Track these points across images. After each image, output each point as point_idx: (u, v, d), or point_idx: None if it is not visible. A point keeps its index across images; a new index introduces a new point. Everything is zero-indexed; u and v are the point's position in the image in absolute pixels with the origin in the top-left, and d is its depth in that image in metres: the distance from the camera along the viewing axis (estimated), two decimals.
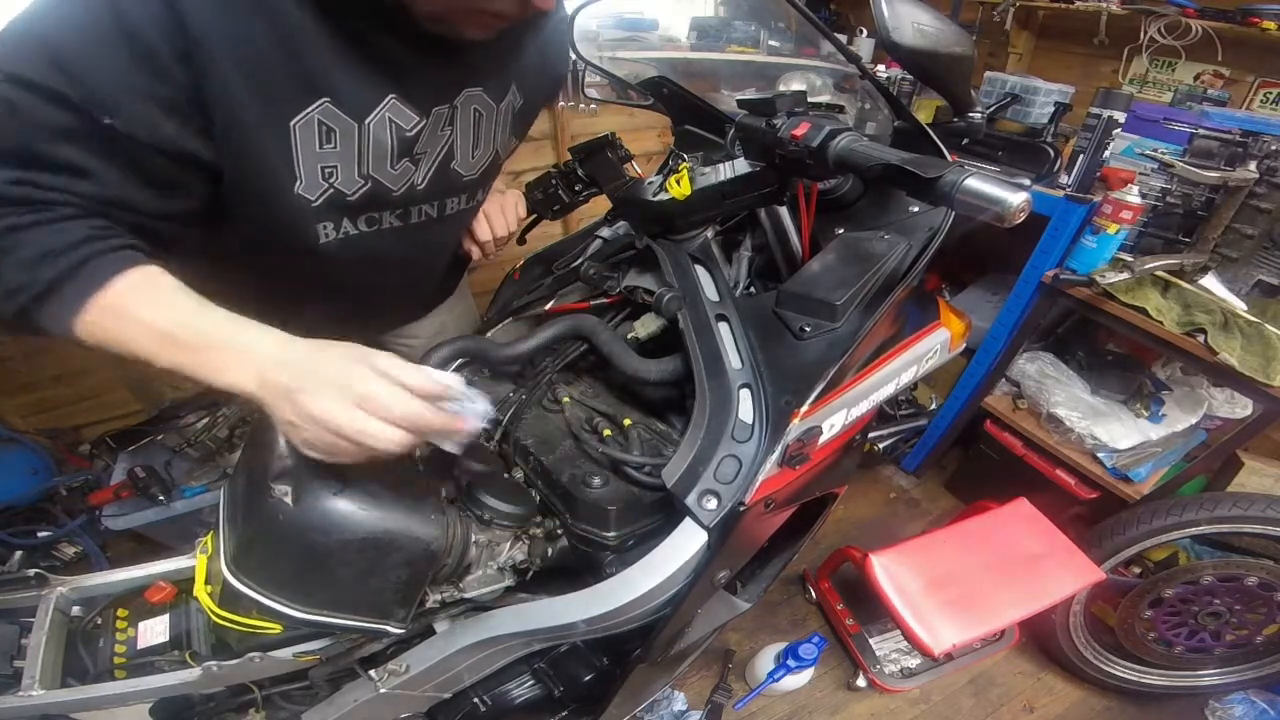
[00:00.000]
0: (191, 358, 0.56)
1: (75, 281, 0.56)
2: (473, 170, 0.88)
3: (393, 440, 0.54)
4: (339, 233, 0.79)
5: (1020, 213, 0.54)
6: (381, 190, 0.78)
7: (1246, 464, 1.60)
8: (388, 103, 0.71)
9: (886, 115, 0.89)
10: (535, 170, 1.19)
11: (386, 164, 0.76)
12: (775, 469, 0.67)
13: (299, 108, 0.65)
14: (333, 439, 0.53)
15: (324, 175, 0.72)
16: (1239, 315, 1.36)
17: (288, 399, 0.54)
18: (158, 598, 0.89)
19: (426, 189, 0.84)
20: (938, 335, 0.88)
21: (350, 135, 0.70)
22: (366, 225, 0.82)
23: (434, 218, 0.89)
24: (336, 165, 0.72)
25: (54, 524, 1.79)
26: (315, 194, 0.72)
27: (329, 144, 0.69)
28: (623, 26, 1.93)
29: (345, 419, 0.52)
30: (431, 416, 0.55)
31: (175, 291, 0.59)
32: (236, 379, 0.56)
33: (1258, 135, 1.34)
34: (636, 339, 0.87)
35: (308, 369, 0.54)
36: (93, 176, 0.58)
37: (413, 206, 0.85)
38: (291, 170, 0.69)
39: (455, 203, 0.91)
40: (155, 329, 0.56)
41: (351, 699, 0.86)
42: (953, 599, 1.25)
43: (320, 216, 0.76)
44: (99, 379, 1.98)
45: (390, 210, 0.82)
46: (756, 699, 1.56)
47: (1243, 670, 1.52)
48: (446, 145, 0.82)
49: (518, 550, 0.78)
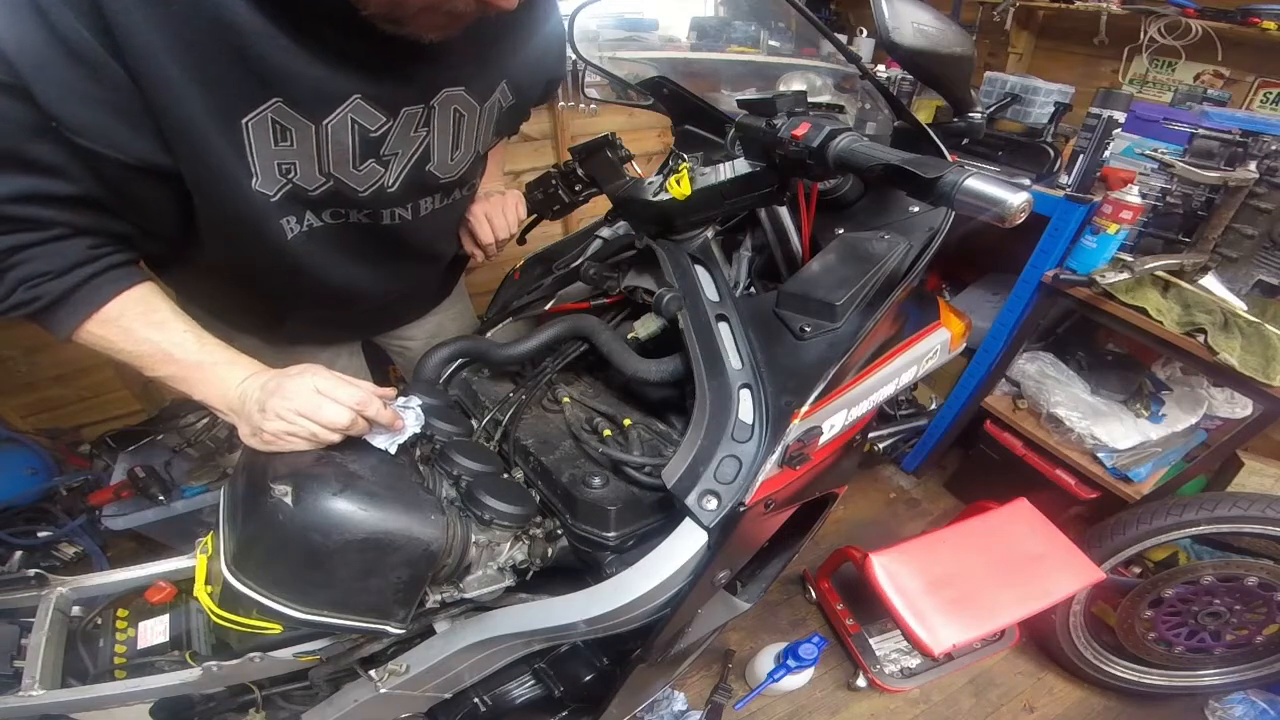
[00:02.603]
0: (178, 372, 0.69)
1: (73, 302, 0.65)
2: (451, 172, 0.87)
3: (339, 421, 0.65)
4: (303, 225, 0.78)
5: (1020, 213, 0.54)
6: (345, 189, 0.77)
7: (1246, 464, 1.60)
8: (350, 103, 0.69)
9: (886, 115, 0.89)
10: (535, 170, 1.19)
11: (349, 164, 0.74)
12: (775, 469, 0.67)
13: (250, 106, 0.64)
14: (288, 423, 0.64)
15: (281, 171, 0.71)
16: (1239, 315, 1.36)
17: (255, 408, 0.66)
18: (158, 598, 0.90)
19: (399, 191, 0.82)
20: (938, 335, 0.88)
21: (307, 135, 0.69)
22: (331, 218, 0.80)
23: (408, 219, 0.87)
24: (295, 162, 0.71)
25: (54, 524, 1.79)
26: (273, 189, 0.71)
27: (284, 141, 0.68)
28: (623, 26, 1.93)
29: (303, 401, 0.64)
30: (377, 405, 0.69)
31: (168, 312, 0.69)
32: (207, 395, 0.70)
33: (1258, 135, 1.34)
34: (636, 339, 0.87)
35: (274, 383, 0.67)
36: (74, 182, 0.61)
37: (383, 209, 0.83)
38: (247, 166, 0.68)
39: (429, 203, 0.89)
40: (151, 344, 0.68)
41: (351, 699, 0.86)
42: (953, 599, 1.25)
43: (282, 211, 0.75)
44: (99, 379, 1.98)
45: (356, 209, 0.81)
46: (756, 699, 1.56)
47: (1243, 670, 1.52)
48: (421, 146, 0.80)
49: (518, 550, 0.78)
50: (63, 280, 0.63)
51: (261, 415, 0.65)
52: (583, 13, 1.01)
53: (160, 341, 0.68)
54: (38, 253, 0.62)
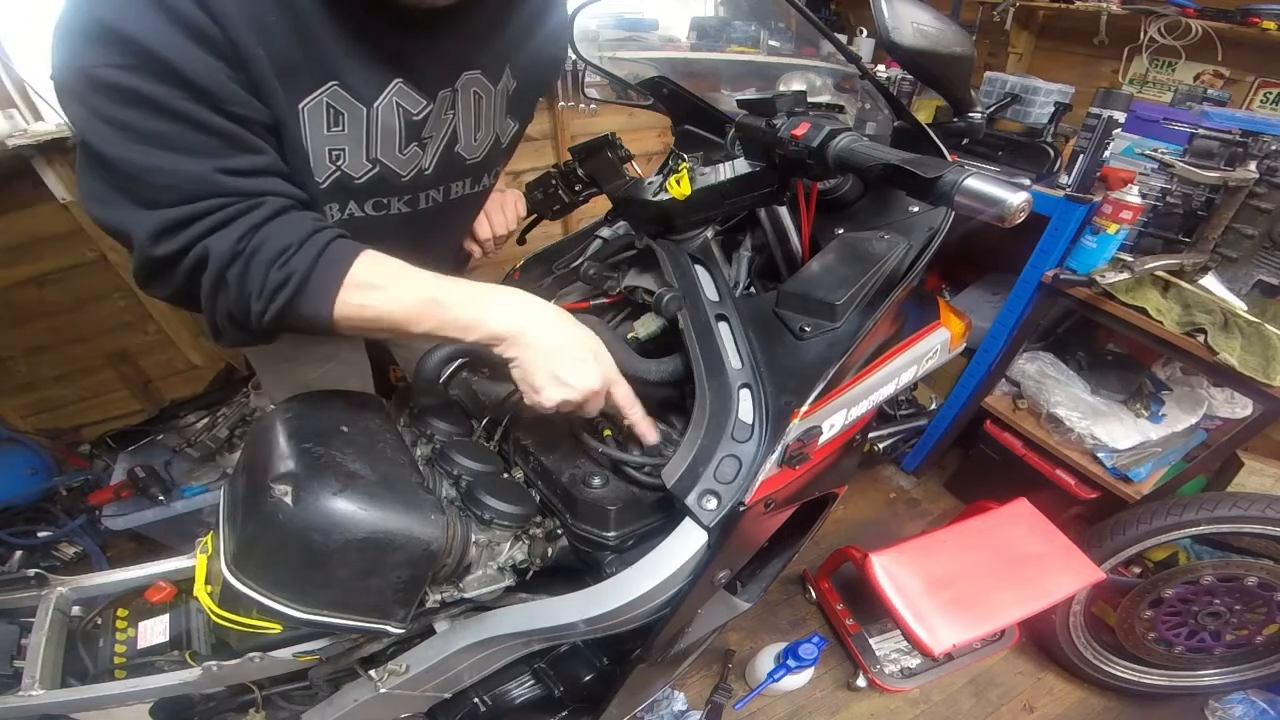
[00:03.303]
0: (455, 314, 0.64)
1: (323, 268, 0.61)
2: (476, 153, 0.89)
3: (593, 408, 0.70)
4: (344, 213, 0.79)
5: (1020, 213, 0.54)
6: (389, 174, 0.78)
7: (1246, 464, 1.60)
8: (394, 87, 0.71)
9: (886, 115, 0.88)
10: (535, 170, 1.18)
11: (395, 149, 0.76)
12: (775, 469, 0.67)
13: (308, 90, 0.66)
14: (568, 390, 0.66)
15: (331, 158, 0.72)
16: (1239, 315, 1.36)
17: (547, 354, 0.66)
18: (158, 598, 0.90)
19: (434, 173, 0.84)
20: (938, 335, 0.88)
21: (358, 119, 0.71)
22: (373, 209, 0.82)
23: (439, 202, 0.89)
24: (344, 148, 0.72)
25: (54, 524, 1.80)
26: (322, 175, 0.73)
27: (336, 127, 0.70)
28: (623, 26, 1.94)
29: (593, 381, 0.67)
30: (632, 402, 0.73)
31: (405, 265, 0.66)
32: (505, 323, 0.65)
33: (1258, 135, 1.34)
34: (636, 339, 0.87)
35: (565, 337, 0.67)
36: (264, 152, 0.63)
37: (420, 192, 0.85)
38: (301, 151, 0.69)
39: (460, 186, 0.92)
40: (414, 295, 0.64)
41: (351, 699, 0.86)
42: (953, 599, 1.25)
43: (327, 198, 0.76)
44: (99, 379, 1.99)
45: (398, 196, 0.83)
46: (756, 699, 1.56)
47: (1243, 670, 1.52)
48: (450, 128, 0.82)
49: (518, 550, 0.78)
50: (306, 250, 0.61)
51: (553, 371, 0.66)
52: (583, 13, 1.01)
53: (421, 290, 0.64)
54: (273, 228, 0.61)
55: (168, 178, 0.58)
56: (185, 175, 0.58)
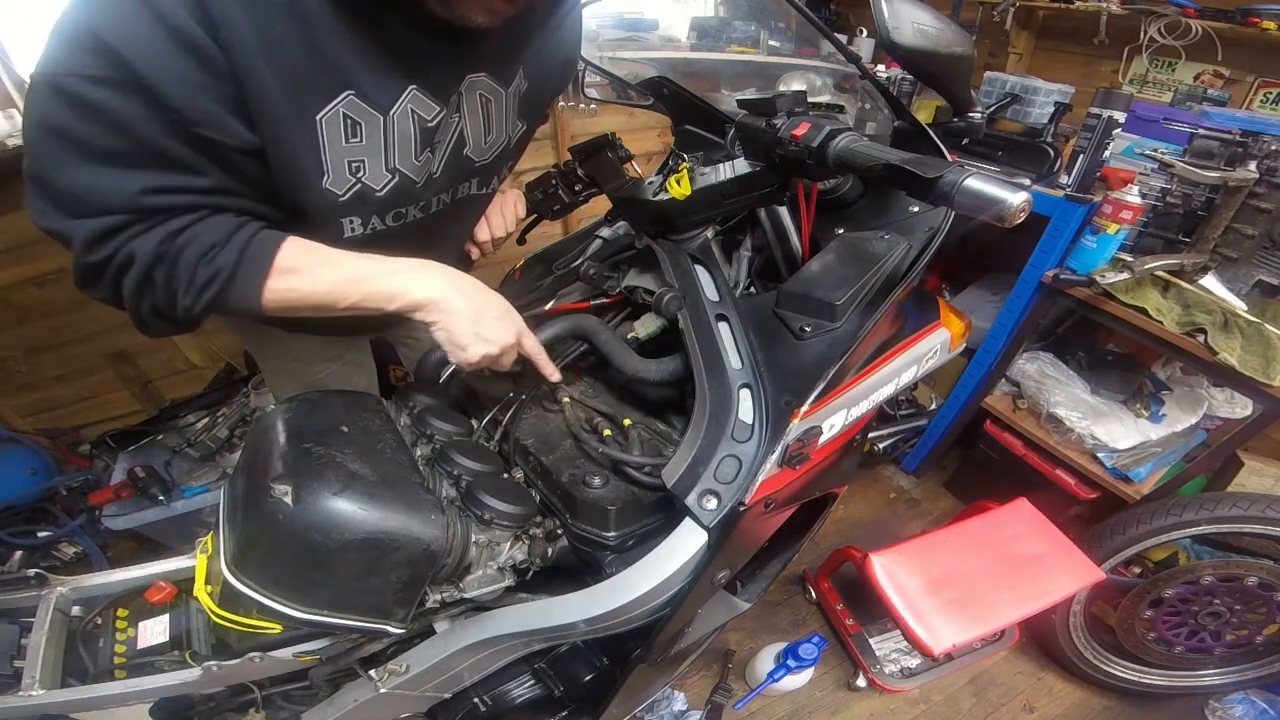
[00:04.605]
0: (376, 287, 0.71)
1: (249, 261, 0.66)
2: (485, 155, 0.88)
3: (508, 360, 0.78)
4: (366, 229, 0.79)
5: (1020, 213, 0.54)
6: (407, 183, 0.78)
7: (1246, 464, 1.60)
8: (408, 94, 0.71)
9: (886, 115, 0.89)
10: (535, 170, 1.18)
11: (411, 155, 0.76)
12: (775, 469, 0.67)
13: (324, 101, 0.65)
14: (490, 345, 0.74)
15: (351, 170, 0.72)
16: (1239, 315, 1.36)
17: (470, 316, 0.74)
18: (158, 598, 0.90)
19: (443, 177, 0.84)
20: (938, 335, 0.88)
21: (376, 128, 0.70)
22: (393, 220, 0.82)
23: (448, 204, 0.89)
24: (364, 159, 0.72)
25: (54, 524, 1.80)
26: (343, 189, 0.73)
27: (355, 138, 0.70)
28: (623, 26, 1.94)
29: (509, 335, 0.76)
30: None
31: (327, 248, 0.71)
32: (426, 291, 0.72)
33: (1258, 135, 1.34)
34: (636, 339, 0.87)
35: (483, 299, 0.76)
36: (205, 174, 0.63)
37: (431, 197, 0.85)
38: (319, 165, 0.69)
39: (467, 187, 0.91)
40: (336, 275, 0.70)
41: (351, 699, 0.86)
42: (953, 599, 1.25)
43: (346, 211, 0.76)
44: (99, 379, 1.98)
45: (414, 204, 0.83)
46: (756, 699, 1.56)
47: (1243, 670, 1.52)
48: (457, 132, 0.82)
49: (518, 550, 0.78)
50: (231, 245, 0.65)
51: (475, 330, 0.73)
52: (583, 12, 1.01)
53: (342, 270, 0.70)
54: (198, 230, 0.64)
55: (97, 195, 0.59)
56: (111, 190, 0.59)
